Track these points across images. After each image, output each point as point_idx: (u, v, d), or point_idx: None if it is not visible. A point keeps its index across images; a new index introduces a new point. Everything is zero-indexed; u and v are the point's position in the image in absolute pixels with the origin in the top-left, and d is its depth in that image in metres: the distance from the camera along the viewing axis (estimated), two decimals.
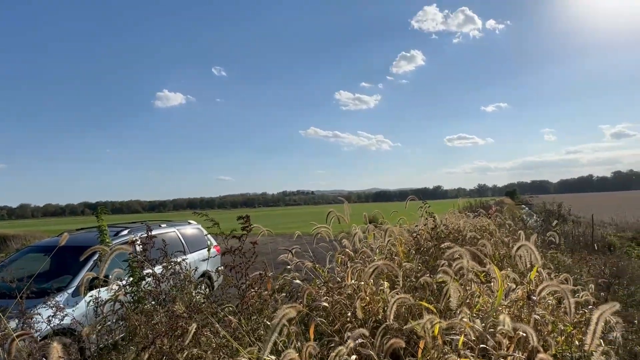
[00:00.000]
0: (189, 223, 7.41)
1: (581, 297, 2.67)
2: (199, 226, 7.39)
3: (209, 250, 5.92)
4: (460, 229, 4.70)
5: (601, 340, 2.32)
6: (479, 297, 2.54)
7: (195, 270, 4.66)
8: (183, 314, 2.38)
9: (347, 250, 3.42)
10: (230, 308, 2.85)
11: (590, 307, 2.69)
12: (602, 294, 5.59)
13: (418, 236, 3.68)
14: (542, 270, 2.76)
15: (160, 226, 6.46)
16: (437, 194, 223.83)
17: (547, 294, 2.21)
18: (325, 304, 2.43)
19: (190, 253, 6.53)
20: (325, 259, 3.77)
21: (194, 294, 3.39)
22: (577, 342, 2.54)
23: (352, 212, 3.51)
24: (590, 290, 3.36)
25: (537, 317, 2.12)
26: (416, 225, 4.56)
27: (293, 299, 3.11)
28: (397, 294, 2.02)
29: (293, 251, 3.63)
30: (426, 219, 4.30)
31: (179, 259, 3.73)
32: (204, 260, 6.57)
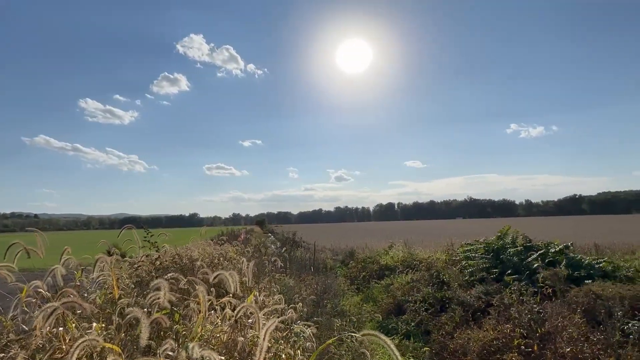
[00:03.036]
0: None
1: (287, 314, 3.09)
2: None
3: None
4: (195, 257, 4.70)
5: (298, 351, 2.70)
6: (199, 326, 2.53)
7: None
8: None
9: (41, 290, 2.76)
10: None
11: (297, 322, 3.14)
12: (319, 309, 6.75)
13: (139, 267, 3.43)
14: (258, 294, 3.06)
15: None
16: (193, 221, 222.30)
17: (245, 314, 2.43)
18: None
19: None
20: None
21: None
22: (283, 355, 2.89)
23: (90, 239, 2.92)
24: (300, 307, 3.95)
25: (241, 338, 2.28)
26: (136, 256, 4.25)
27: None
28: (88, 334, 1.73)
29: None
30: (149, 249, 4.09)
31: None
32: None
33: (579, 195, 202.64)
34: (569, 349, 4.98)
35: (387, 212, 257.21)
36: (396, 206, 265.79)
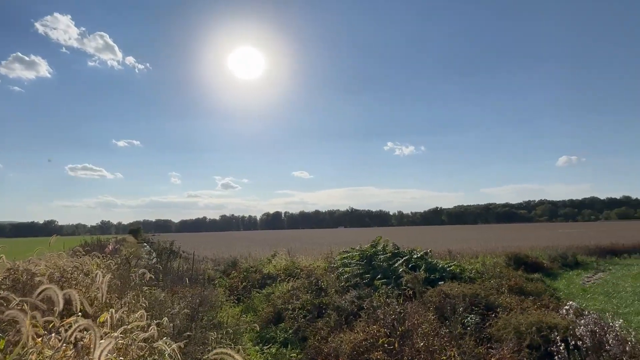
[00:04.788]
0: None
1: (149, 331, 2.83)
2: None
3: None
4: (35, 272, 4.00)
5: None
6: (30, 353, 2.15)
7: None
8: None
9: None
10: None
11: (158, 341, 2.89)
12: (194, 323, 6.36)
13: None
14: (114, 311, 2.74)
15: None
16: (49, 230, 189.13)
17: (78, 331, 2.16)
18: None
19: None
20: None
21: None
22: None
23: None
24: (166, 322, 3.67)
25: None
26: None
27: None
28: None
29: None
30: None
31: None
32: None
33: (440, 207, 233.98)
34: (422, 344, 5.64)
35: (274, 221, 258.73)
36: (283, 215, 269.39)
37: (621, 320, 5.22)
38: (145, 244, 41.37)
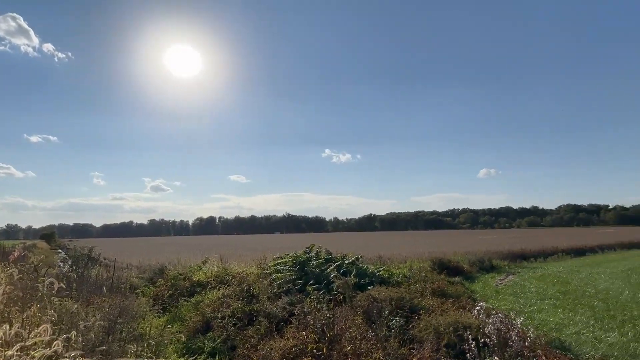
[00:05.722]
0: None
1: (53, 347, 2.57)
2: None
3: None
4: None
5: None
6: None
7: None
8: None
9: None
10: None
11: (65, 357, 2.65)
12: (111, 336, 5.88)
13: None
14: (7, 327, 2.45)
15: None
16: None
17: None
18: None
19: None
20: None
21: None
22: None
23: None
24: (74, 335, 3.36)
25: None
26: None
27: None
28: None
29: None
30: None
31: None
32: None
33: (373, 214, 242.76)
34: (350, 347, 5.79)
35: (207, 226, 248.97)
36: (217, 220, 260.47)
37: (522, 318, 5.84)
38: (60, 250, 37.66)
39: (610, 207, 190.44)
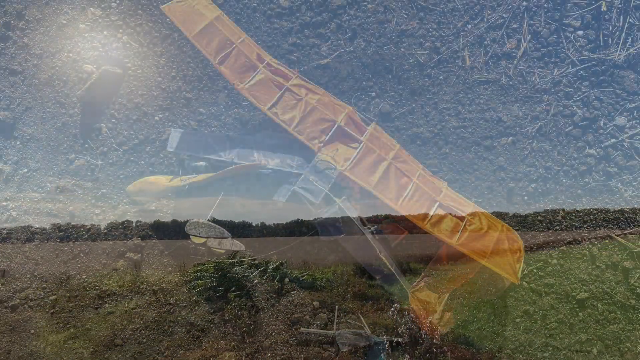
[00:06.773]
0: None
1: None
2: None
3: None
4: None
5: None
6: None
7: None
8: None
9: None
10: None
11: None
12: None
13: None
14: None
15: None
16: None
17: None
18: None
19: None
20: None
21: None
22: None
23: None
24: None
25: None
26: None
27: None
28: None
29: None
30: None
31: None
32: None
33: (300, 219, 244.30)
34: (269, 355, 5.73)
35: None
36: (134, 224, 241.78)
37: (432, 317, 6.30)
38: None
39: None
